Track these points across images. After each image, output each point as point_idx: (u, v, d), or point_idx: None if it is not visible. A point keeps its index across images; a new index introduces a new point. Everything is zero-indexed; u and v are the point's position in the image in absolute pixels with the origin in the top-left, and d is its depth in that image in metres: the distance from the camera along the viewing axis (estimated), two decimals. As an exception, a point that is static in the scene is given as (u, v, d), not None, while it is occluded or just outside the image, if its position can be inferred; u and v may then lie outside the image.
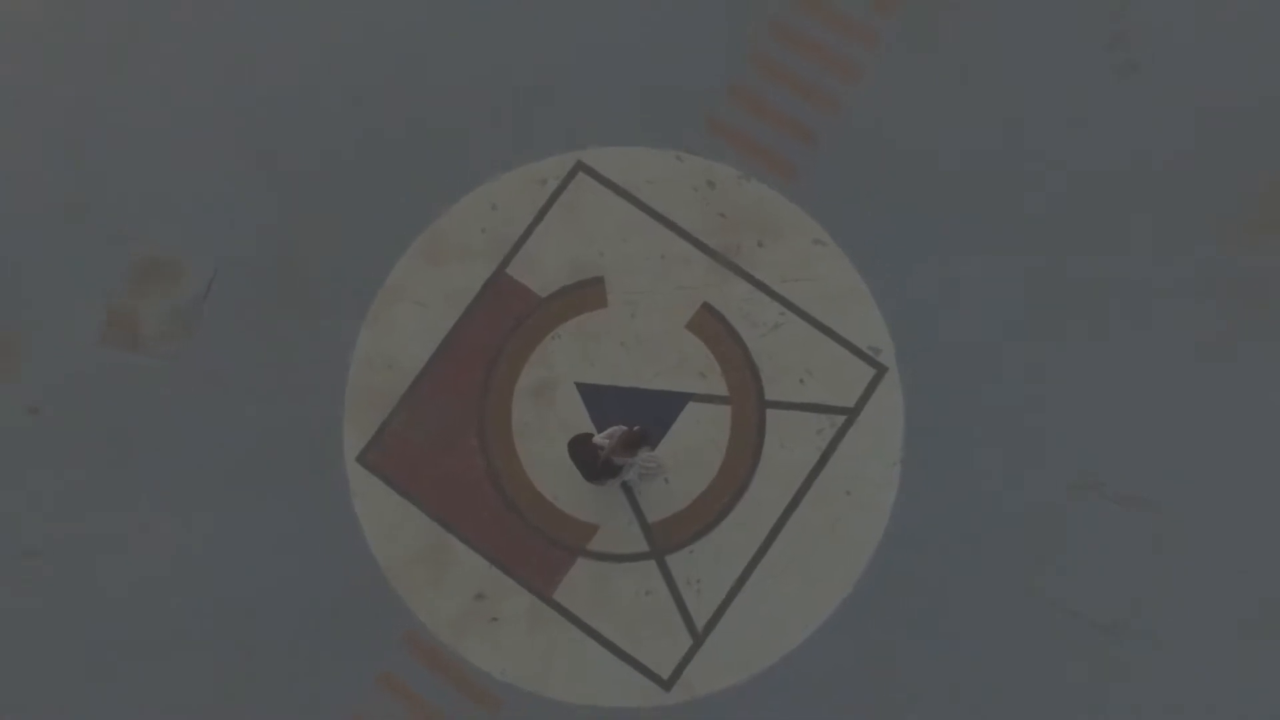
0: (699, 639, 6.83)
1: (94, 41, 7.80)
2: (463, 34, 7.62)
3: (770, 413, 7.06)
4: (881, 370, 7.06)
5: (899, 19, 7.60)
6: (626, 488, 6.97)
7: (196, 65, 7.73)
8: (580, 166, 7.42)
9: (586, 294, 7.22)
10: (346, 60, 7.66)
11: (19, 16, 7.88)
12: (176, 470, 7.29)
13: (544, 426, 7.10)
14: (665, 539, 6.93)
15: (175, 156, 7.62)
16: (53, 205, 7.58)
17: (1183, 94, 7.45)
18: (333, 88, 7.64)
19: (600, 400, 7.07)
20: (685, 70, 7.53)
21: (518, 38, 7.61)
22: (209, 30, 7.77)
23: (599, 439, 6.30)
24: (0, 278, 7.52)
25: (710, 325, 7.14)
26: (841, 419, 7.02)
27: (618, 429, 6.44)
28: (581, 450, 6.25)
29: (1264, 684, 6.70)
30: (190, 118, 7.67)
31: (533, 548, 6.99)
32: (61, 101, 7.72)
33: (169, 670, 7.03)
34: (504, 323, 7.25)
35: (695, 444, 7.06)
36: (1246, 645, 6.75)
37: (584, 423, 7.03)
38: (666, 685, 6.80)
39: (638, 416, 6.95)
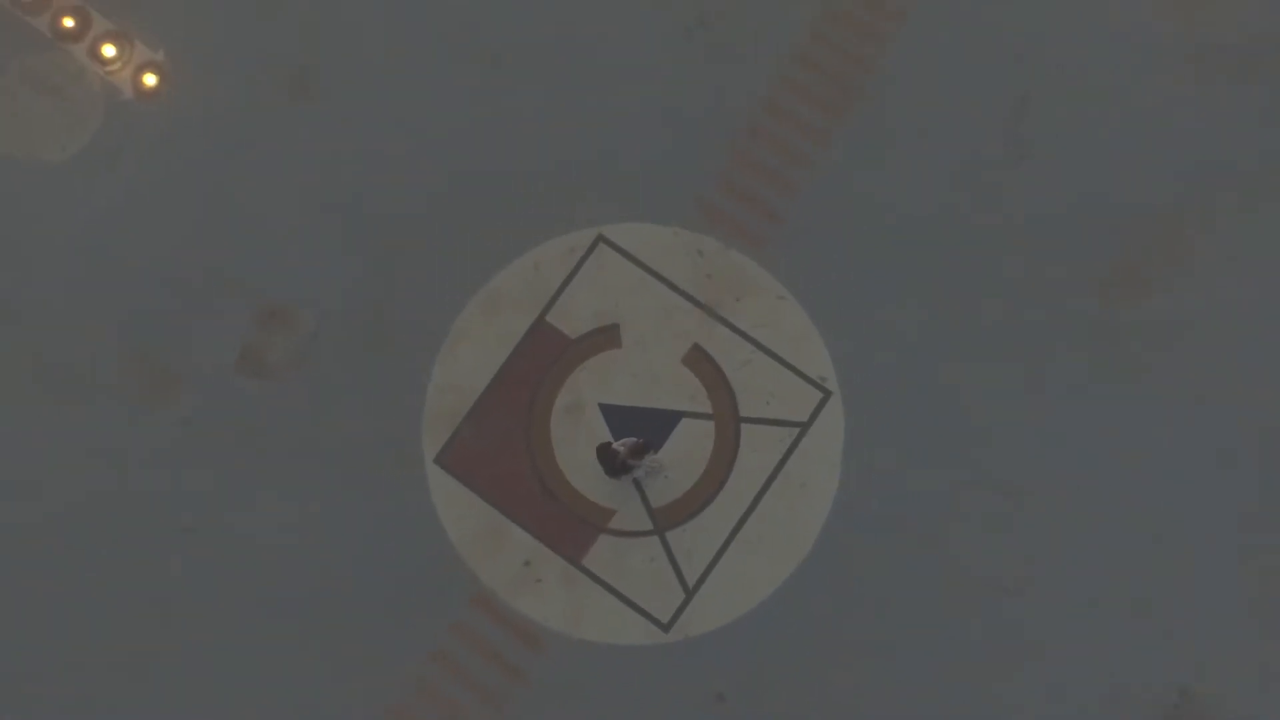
0: (690, 594, 9.16)
1: (222, 149, 10.14)
2: (514, 137, 9.94)
3: (744, 426, 9.39)
4: (827, 394, 9.39)
5: (845, 124, 9.91)
6: (636, 482, 9.30)
7: (303, 167, 10.06)
8: (601, 238, 9.76)
9: (606, 337, 9.56)
10: (422, 159, 9.98)
11: (165, 136, 10.25)
12: (294, 469, 9.63)
13: (575, 437, 9.43)
14: (666, 520, 9.26)
15: (292, 234, 9.97)
16: (201, 269, 9.91)
17: (1060, 179, 9.76)
18: (411, 182, 9.95)
19: (617, 417, 9.40)
20: (682, 165, 9.85)
21: (556, 139, 9.92)
22: (312, 142, 10.10)
23: (616, 446, 8.64)
24: (162, 322, 9.88)
25: (699, 360, 9.47)
26: (797, 430, 9.36)
27: (630, 439, 8.78)
28: (604, 454, 8.59)
29: (1112, 624, 8.99)
30: (302, 204, 10.01)
31: (567, 527, 9.32)
32: (203, 193, 10.05)
33: (292, 616, 9.34)
34: (544, 358, 9.59)
35: (688, 449, 9.37)
36: (1098, 592, 9.03)
37: (605, 434, 9.36)
38: (666, 628, 9.13)
39: (644, 429, 9.28)
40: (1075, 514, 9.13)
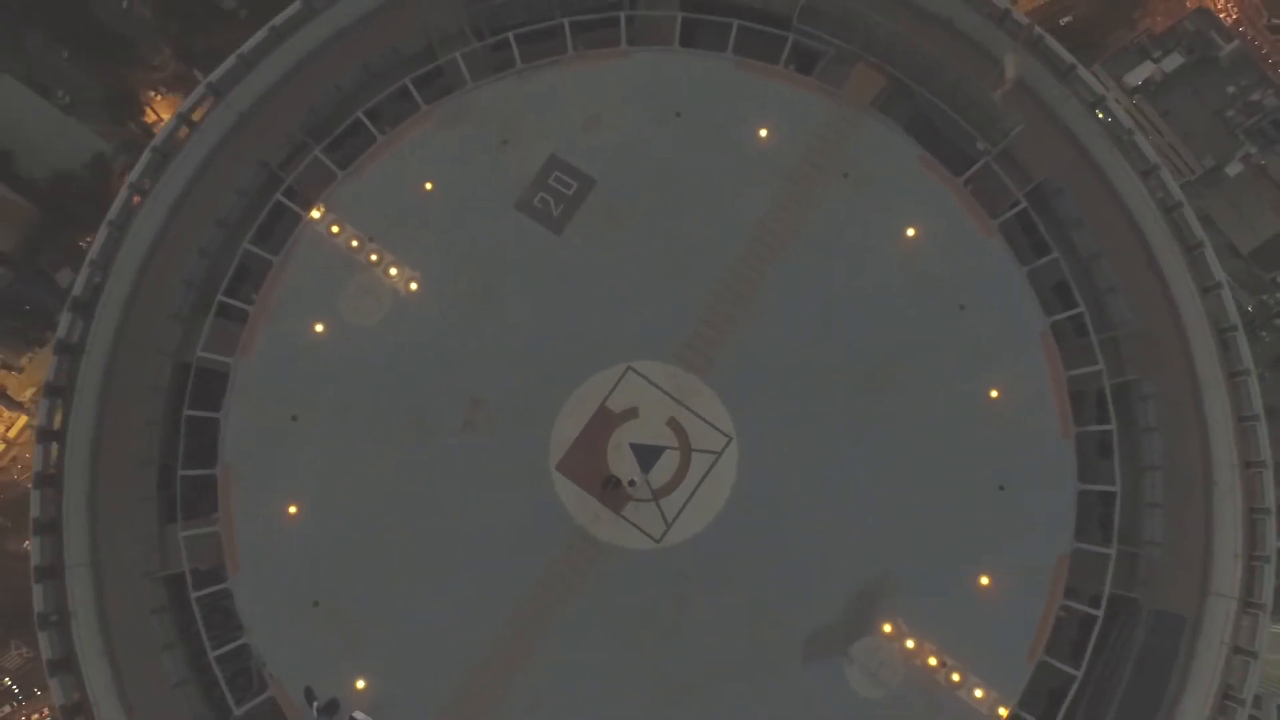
0: (669, 526, 20.98)
1: (449, 320, 21.66)
2: (591, 324, 21.63)
3: (693, 453, 21.21)
4: (730, 439, 21.27)
5: (745, 315, 21.75)
6: (646, 480, 21.01)
7: (490, 331, 21.62)
8: (630, 368, 21.49)
9: (631, 413, 21.30)
10: (550, 337, 21.60)
11: (420, 312, 21.75)
12: (487, 474, 21.21)
13: (619, 460, 21.13)
14: (659, 494, 21.07)
15: (484, 364, 21.50)
16: (440, 377, 21.44)
17: (850, 339, 21.73)
18: (543, 345, 21.57)
19: (638, 450, 21.13)
20: (668, 335, 21.62)
21: (611, 325, 21.63)
22: (494, 317, 21.67)
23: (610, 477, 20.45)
24: (422, 403, 21.35)
25: (676, 426, 21.28)
26: (715, 455, 21.21)
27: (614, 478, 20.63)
28: (611, 480, 20.44)
29: (853, 535, 21.03)
30: (489, 350, 21.56)
31: (616, 499, 21.04)
32: (440, 341, 21.56)
33: (488, 547, 20.89)
34: (602, 425, 21.29)
35: (668, 464, 21.16)
36: (852, 518, 21.08)
37: (633, 460, 21.06)
38: (658, 541, 20.94)
39: (648, 457, 21.00)
40: (839, 485, 21.19)
